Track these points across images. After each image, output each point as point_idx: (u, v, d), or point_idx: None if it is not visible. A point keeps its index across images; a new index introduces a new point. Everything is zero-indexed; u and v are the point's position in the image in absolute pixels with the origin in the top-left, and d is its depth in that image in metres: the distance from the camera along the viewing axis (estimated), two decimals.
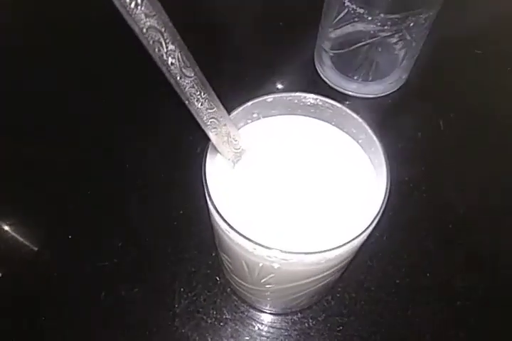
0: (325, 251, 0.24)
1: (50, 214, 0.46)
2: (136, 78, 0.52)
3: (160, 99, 0.51)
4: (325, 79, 0.52)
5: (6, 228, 0.45)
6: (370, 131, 0.29)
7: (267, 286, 0.32)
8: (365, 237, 0.26)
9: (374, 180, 0.30)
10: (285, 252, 0.24)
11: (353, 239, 0.25)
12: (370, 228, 0.26)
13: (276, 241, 0.25)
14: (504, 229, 0.45)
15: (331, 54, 0.50)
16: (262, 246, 0.25)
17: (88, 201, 0.46)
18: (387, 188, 0.26)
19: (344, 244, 0.25)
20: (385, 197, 0.26)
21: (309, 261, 0.25)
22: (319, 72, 0.53)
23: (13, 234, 0.45)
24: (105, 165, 0.48)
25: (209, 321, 0.40)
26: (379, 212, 0.26)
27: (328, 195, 0.30)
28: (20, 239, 0.45)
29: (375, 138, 0.28)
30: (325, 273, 0.29)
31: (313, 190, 0.30)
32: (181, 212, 0.45)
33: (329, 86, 0.52)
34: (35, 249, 0.44)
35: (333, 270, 0.29)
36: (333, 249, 0.25)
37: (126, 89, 0.52)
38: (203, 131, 0.28)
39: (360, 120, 0.29)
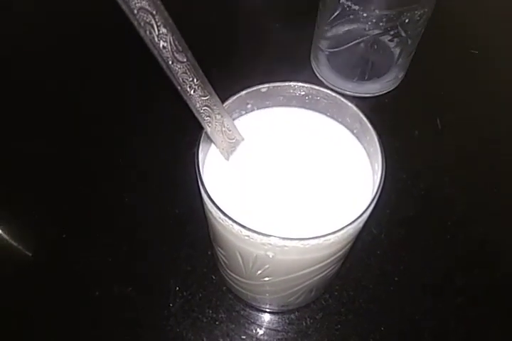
0: (318, 237, 0.24)
1: (43, 213, 0.45)
2: (132, 76, 0.52)
3: (156, 98, 0.51)
4: (321, 78, 0.52)
5: None
6: (364, 119, 0.28)
7: (263, 280, 0.31)
8: (360, 224, 0.26)
9: (369, 169, 0.30)
10: (278, 237, 0.24)
11: (348, 225, 0.24)
12: (365, 214, 0.25)
13: (270, 230, 0.25)
14: (503, 226, 0.45)
15: (327, 53, 0.50)
16: (256, 232, 0.24)
17: (81, 199, 0.46)
18: (382, 174, 0.26)
19: (339, 230, 0.24)
20: (380, 182, 0.26)
21: (304, 248, 0.25)
22: (316, 71, 0.53)
23: (4, 234, 0.44)
24: (99, 163, 0.48)
25: (204, 320, 0.39)
26: (374, 198, 0.25)
27: (323, 186, 0.29)
28: (12, 239, 0.44)
29: (369, 125, 0.28)
30: (321, 264, 0.29)
31: (308, 180, 0.29)
32: (177, 211, 0.44)
33: (326, 86, 0.52)
34: (28, 247, 0.44)
35: (329, 261, 0.29)
36: (327, 235, 0.24)
37: (121, 87, 0.52)
38: (197, 120, 0.27)
39: (354, 108, 0.29)
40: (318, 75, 0.52)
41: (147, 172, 0.47)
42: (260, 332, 0.39)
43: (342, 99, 0.29)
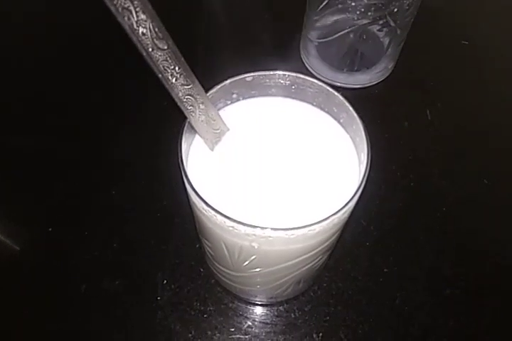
0: (303, 227, 0.24)
1: (31, 207, 0.45)
2: (118, 67, 0.52)
3: (143, 89, 0.50)
4: (311, 69, 0.52)
5: None
6: (351, 108, 0.28)
7: (250, 271, 0.31)
8: (345, 214, 0.26)
9: (355, 159, 0.29)
10: (262, 228, 0.23)
11: (332, 215, 0.24)
12: (350, 204, 0.25)
13: (256, 220, 0.25)
14: (492, 217, 0.44)
15: (316, 43, 0.49)
16: (239, 222, 0.24)
17: (69, 193, 0.45)
18: (367, 164, 0.26)
19: (323, 220, 0.24)
20: (365, 172, 0.25)
21: (289, 238, 0.24)
22: (305, 63, 0.52)
23: None
24: (87, 157, 0.47)
25: (192, 313, 0.39)
26: (359, 188, 0.25)
27: (309, 176, 0.29)
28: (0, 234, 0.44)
29: (355, 114, 0.28)
30: (307, 255, 0.28)
31: (294, 171, 0.29)
32: (164, 203, 0.44)
33: (315, 77, 0.52)
34: (15, 242, 0.43)
35: (315, 251, 0.28)
36: (312, 225, 0.24)
37: (108, 79, 0.52)
38: (180, 110, 0.27)
39: (340, 97, 0.28)
40: (307, 66, 0.52)
41: (134, 165, 0.46)
42: (249, 324, 0.39)
43: (328, 88, 0.29)
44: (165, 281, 0.40)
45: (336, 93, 0.29)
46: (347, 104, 0.28)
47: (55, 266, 0.42)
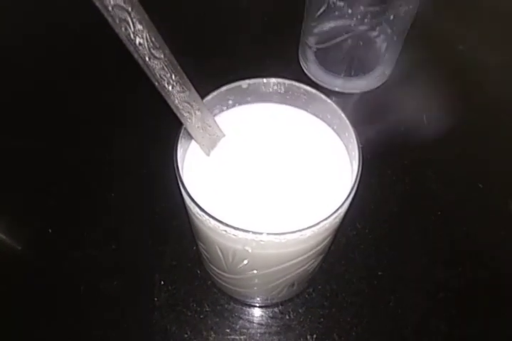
0: (294, 231, 0.24)
1: (30, 207, 0.45)
2: (119, 70, 0.52)
3: (143, 92, 0.50)
4: (310, 75, 0.52)
5: None
6: (343, 116, 0.29)
7: (244, 274, 0.31)
8: (336, 219, 0.26)
9: (349, 165, 0.30)
10: (253, 232, 0.24)
11: (323, 220, 0.25)
12: (341, 210, 0.26)
13: (250, 224, 0.25)
14: (487, 221, 0.45)
15: (315, 49, 0.50)
16: (232, 227, 0.25)
17: (68, 195, 0.46)
18: (358, 172, 0.26)
19: (314, 225, 0.25)
20: (356, 180, 0.26)
21: (280, 242, 0.25)
22: (304, 68, 0.53)
23: None
24: (85, 158, 0.48)
25: (189, 314, 0.40)
26: (349, 195, 0.26)
27: (303, 182, 0.30)
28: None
29: (347, 122, 0.28)
30: (300, 258, 0.29)
31: (289, 176, 0.30)
32: (163, 205, 0.45)
33: (314, 82, 0.52)
34: (14, 243, 0.44)
35: (308, 255, 0.29)
36: (303, 229, 0.24)
37: (109, 87, 0.52)
38: (175, 116, 0.28)
39: (333, 105, 0.29)
40: (306, 72, 0.53)
41: (134, 167, 0.47)
42: (244, 325, 0.40)
43: (322, 95, 0.30)
44: (162, 282, 0.41)
45: (328, 100, 0.29)
46: (339, 111, 0.29)
47: (53, 267, 0.42)
